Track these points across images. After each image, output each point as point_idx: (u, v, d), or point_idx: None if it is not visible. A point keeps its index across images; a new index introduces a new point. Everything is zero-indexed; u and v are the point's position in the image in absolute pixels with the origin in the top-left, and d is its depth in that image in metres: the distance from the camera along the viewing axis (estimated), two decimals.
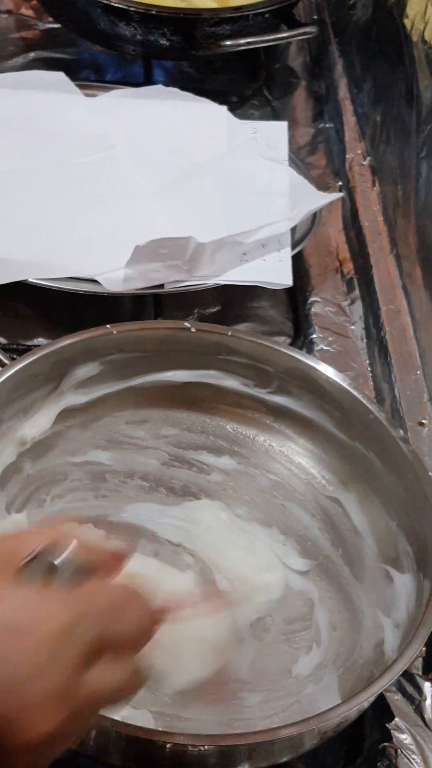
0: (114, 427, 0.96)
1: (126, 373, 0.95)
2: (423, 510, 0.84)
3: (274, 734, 0.71)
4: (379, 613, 0.84)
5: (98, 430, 0.96)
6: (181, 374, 0.96)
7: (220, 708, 0.79)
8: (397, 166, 1.19)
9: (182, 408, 0.98)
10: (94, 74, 1.40)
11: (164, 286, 1.06)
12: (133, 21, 1.26)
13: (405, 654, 0.74)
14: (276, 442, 0.97)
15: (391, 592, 0.85)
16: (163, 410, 0.97)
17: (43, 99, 1.23)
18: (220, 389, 0.97)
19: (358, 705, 0.73)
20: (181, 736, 0.72)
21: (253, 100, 1.39)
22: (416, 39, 1.15)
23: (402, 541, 0.86)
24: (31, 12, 1.46)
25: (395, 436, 0.87)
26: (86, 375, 0.93)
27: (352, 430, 0.91)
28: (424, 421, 1.02)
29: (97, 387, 0.94)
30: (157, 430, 0.97)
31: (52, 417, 0.91)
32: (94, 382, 0.94)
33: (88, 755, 0.73)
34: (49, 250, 1.07)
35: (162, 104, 1.26)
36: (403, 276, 1.15)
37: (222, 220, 1.12)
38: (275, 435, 0.97)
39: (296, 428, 0.96)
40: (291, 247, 1.11)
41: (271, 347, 0.93)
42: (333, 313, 1.15)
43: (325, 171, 1.32)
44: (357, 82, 1.35)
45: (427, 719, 0.85)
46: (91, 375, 0.93)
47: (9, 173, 1.15)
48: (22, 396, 0.89)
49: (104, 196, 1.15)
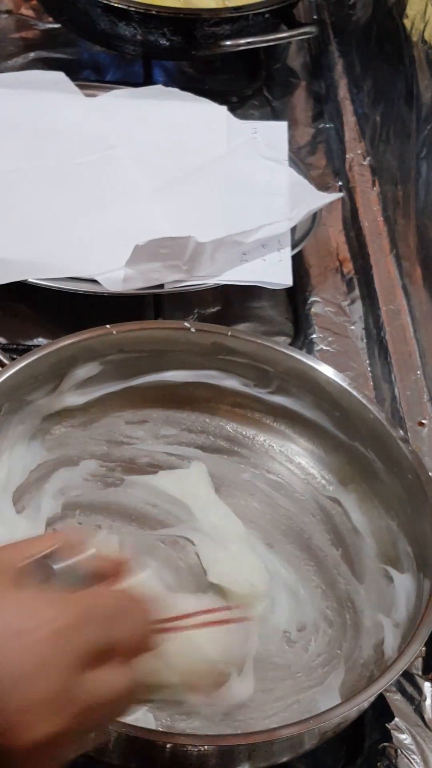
0: (114, 427, 0.96)
1: (126, 373, 0.95)
2: (423, 510, 0.84)
3: (274, 734, 0.71)
4: (379, 612, 0.84)
5: (98, 430, 0.96)
6: (181, 374, 0.96)
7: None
8: (397, 166, 1.19)
9: (182, 408, 0.98)
10: (94, 74, 1.40)
11: (164, 286, 1.06)
12: (133, 21, 1.26)
13: (405, 654, 0.74)
14: (276, 442, 0.97)
15: (391, 592, 0.85)
16: (163, 410, 0.97)
17: (43, 99, 1.24)
18: (220, 389, 0.97)
19: (358, 705, 0.73)
20: (181, 736, 0.73)
21: (253, 100, 1.39)
22: (416, 39, 1.15)
23: (402, 541, 0.86)
24: (31, 12, 1.46)
25: (395, 436, 0.87)
26: (86, 375, 0.93)
27: (352, 430, 0.91)
28: (424, 421, 1.02)
29: (97, 387, 0.94)
30: (157, 430, 0.97)
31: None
32: (93, 382, 0.94)
33: (88, 755, 0.73)
34: (49, 250, 1.07)
35: (162, 104, 1.25)
36: (403, 276, 1.15)
37: (222, 220, 1.12)
38: (275, 435, 0.97)
39: (296, 428, 0.96)
40: (291, 247, 1.11)
41: (271, 347, 0.93)
42: (333, 313, 1.15)
43: (325, 171, 1.32)
44: (357, 82, 1.35)
45: (427, 719, 0.85)
46: (91, 375, 0.93)
47: (9, 173, 1.15)
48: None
49: (104, 196, 1.15)
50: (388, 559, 0.87)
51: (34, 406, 0.91)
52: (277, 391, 0.95)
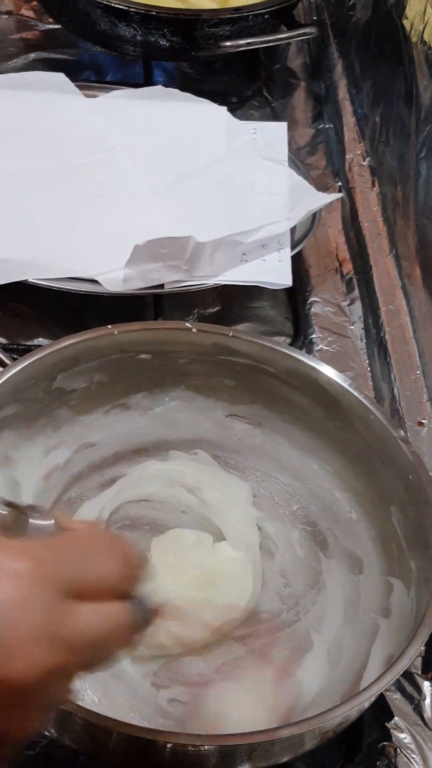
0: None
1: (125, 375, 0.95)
2: (423, 510, 0.84)
3: (275, 734, 0.71)
4: (379, 613, 0.85)
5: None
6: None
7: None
8: (396, 167, 1.19)
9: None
10: (95, 75, 1.40)
11: (164, 286, 1.06)
12: (133, 22, 1.26)
13: (405, 654, 0.74)
14: (275, 441, 0.97)
15: (391, 593, 0.85)
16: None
17: (44, 100, 1.24)
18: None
19: (359, 705, 0.73)
20: (181, 736, 0.73)
21: (253, 101, 1.39)
22: (415, 40, 1.15)
23: (402, 541, 0.86)
24: (32, 13, 1.46)
25: (396, 436, 0.87)
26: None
27: (352, 429, 0.91)
28: (424, 420, 1.03)
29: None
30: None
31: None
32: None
33: (89, 754, 0.74)
34: (49, 250, 1.08)
35: (162, 105, 1.26)
36: (403, 276, 1.15)
37: (222, 220, 1.12)
38: (275, 435, 0.97)
39: (296, 428, 0.96)
40: (291, 247, 1.11)
41: (271, 347, 0.93)
42: (332, 313, 1.15)
43: (324, 171, 1.32)
44: (356, 83, 1.35)
45: (426, 718, 0.85)
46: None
47: (9, 173, 1.15)
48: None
49: (104, 196, 1.15)
50: (389, 559, 0.88)
51: (36, 406, 0.91)
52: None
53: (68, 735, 0.73)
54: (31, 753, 0.81)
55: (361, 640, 0.84)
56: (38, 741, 0.80)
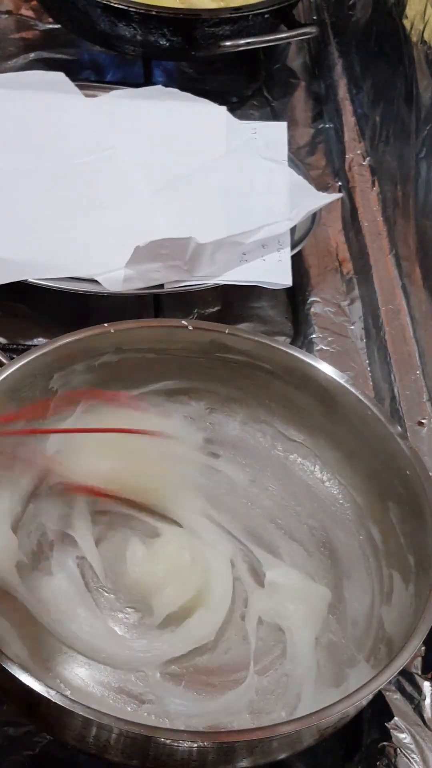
0: None
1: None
2: (422, 509, 0.84)
3: (273, 731, 0.71)
4: (378, 609, 0.85)
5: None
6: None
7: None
8: (396, 167, 1.19)
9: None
10: (94, 75, 1.40)
11: (164, 286, 1.06)
12: (133, 21, 1.26)
13: (404, 651, 0.74)
14: (274, 441, 0.97)
15: (390, 590, 0.85)
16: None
17: (43, 99, 1.24)
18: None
19: (357, 702, 0.73)
20: (181, 733, 0.73)
21: (253, 101, 1.39)
22: (416, 39, 1.15)
23: (401, 539, 0.86)
24: (31, 12, 1.46)
25: (393, 433, 0.87)
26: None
27: (349, 426, 0.91)
28: (424, 420, 1.03)
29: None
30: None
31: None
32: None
33: (88, 752, 0.73)
34: (49, 250, 1.08)
35: (162, 105, 1.26)
36: (403, 276, 1.15)
37: (222, 220, 1.12)
38: (274, 434, 0.97)
39: (295, 427, 0.96)
40: (291, 247, 1.11)
41: (269, 345, 0.93)
42: (332, 313, 1.15)
43: (324, 171, 1.32)
44: (356, 83, 1.35)
45: (426, 718, 0.85)
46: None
47: (9, 173, 1.15)
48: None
49: (104, 196, 1.15)
50: (388, 556, 0.88)
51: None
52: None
53: (68, 733, 0.73)
54: (31, 753, 0.81)
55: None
56: (38, 741, 0.80)
